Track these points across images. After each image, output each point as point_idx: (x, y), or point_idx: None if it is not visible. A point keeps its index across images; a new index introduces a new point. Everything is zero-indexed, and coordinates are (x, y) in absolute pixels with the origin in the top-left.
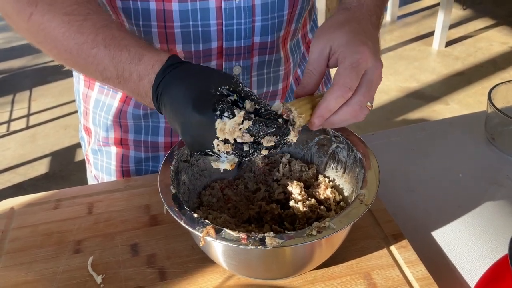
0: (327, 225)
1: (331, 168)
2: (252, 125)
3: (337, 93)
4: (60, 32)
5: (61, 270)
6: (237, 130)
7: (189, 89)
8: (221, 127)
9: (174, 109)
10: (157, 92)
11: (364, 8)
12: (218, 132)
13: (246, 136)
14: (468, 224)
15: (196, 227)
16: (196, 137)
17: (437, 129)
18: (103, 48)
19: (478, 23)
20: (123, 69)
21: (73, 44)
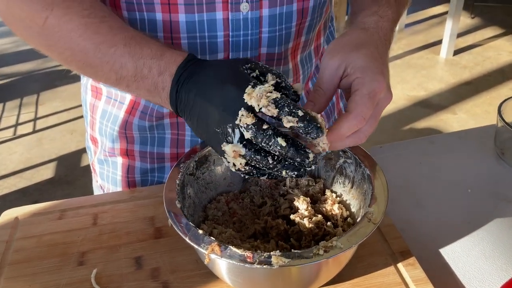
0: (334, 245)
1: (339, 183)
2: (280, 98)
3: (352, 122)
4: (76, 34)
5: (64, 282)
6: (264, 98)
7: (221, 71)
8: (250, 91)
9: (203, 91)
10: (178, 83)
11: (382, 32)
12: (246, 96)
13: (271, 106)
14: (477, 241)
15: (201, 244)
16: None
17: (446, 143)
18: (123, 46)
19: (487, 32)
20: (143, 65)
21: (90, 45)
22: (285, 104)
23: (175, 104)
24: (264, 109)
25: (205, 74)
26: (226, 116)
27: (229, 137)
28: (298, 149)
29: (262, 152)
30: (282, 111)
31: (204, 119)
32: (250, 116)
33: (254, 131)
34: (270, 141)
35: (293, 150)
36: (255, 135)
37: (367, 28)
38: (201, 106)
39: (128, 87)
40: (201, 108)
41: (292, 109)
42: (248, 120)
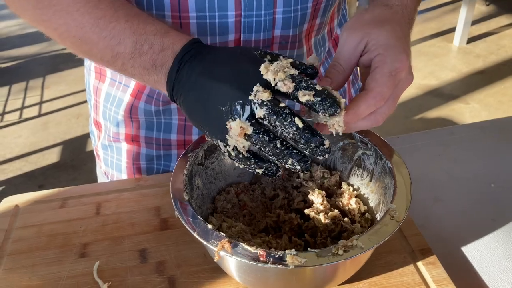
0: (355, 244)
1: (356, 175)
2: (296, 75)
3: (371, 101)
4: (74, 8)
5: (65, 275)
6: (282, 72)
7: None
8: (267, 65)
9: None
10: (182, 61)
11: (406, 11)
12: (263, 69)
13: (288, 80)
14: (502, 240)
15: (210, 240)
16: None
17: (467, 134)
18: (124, 22)
19: (502, 20)
20: (145, 40)
21: (87, 19)
22: (302, 80)
23: (172, 84)
24: (280, 83)
25: (214, 54)
26: (238, 92)
27: (235, 115)
28: (314, 133)
29: (271, 134)
30: (298, 86)
31: (205, 100)
32: (266, 92)
33: (270, 107)
34: (286, 120)
35: (308, 133)
36: (270, 111)
37: (391, 5)
38: (203, 85)
39: (122, 65)
40: (203, 88)
41: (310, 84)
42: (265, 96)
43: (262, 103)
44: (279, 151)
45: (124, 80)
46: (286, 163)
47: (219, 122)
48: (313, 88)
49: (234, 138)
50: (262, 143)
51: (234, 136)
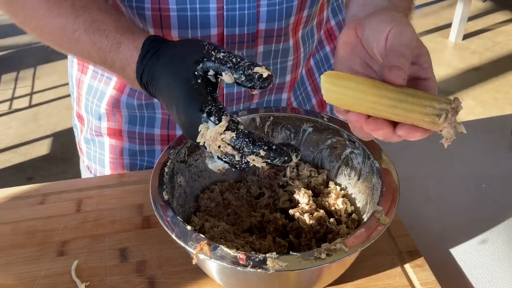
0: (338, 247)
1: (344, 174)
2: (236, 138)
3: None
4: (40, 13)
5: (42, 274)
6: (220, 139)
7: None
8: (203, 131)
9: (165, 102)
10: (143, 82)
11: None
12: (200, 137)
13: (229, 148)
14: (491, 242)
15: (188, 242)
16: (188, 133)
17: (458, 133)
18: (84, 32)
19: (498, 16)
20: (105, 58)
21: (55, 26)
22: (243, 145)
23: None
24: (223, 149)
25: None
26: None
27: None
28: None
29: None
30: (242, 151)
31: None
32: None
33: (230, 159)
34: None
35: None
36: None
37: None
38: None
39: (104, 70)
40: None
41: (253, 149)
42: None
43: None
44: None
45: (107, 72)
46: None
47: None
48: (257, 153)
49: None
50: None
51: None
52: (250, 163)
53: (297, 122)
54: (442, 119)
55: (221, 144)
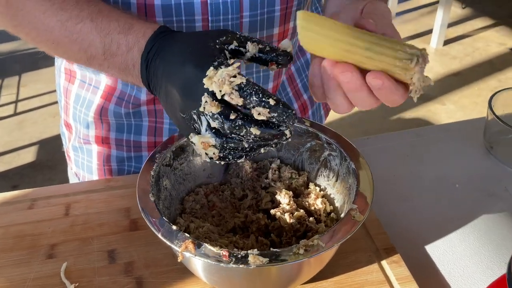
0: (315, 243)
1: (323, 176)
2: (245, 84)
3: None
4: (40, 11)
5: (32, 276)
6: (227, 84)
7: (186, 47)
8: (211, 75)
9: (168, 70)
10: (148, 58)
11: None
12: (206, 80)
13: (235, 94)
14: (463, 238)
15: (174, 240)
16: (188, 92)
17: (434, 135)
18: (89, 22)
19: (477, 23)
20: (111, 41)
21: (55, 22)
22: (252, 92)
23: (147, 82)
24: (227, 97)
25: (171, 50)
26: (189, 101)
27: (196, 125)
28: (273, 130)
29: (235, 138)
30: (249, 100)
31: (171, 102)
32: (214, 105)
33: (221, 121)
34: (241, 132)
35: (268, 134)
36: (222, 126)
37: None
38: (167, 87)
39: (100, 66)
40: (167, 89)
41: (262, 98)
42: (213, 109)
43: (213, 115)
44: (249, 148)
45: (94, 81)
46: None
47: (185, 130)
48: (266, 102)
49: (201, 150)
50: (230, 149)
51: (201, 150)
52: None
53: None
54: (414, 63)
55: (228, 89)
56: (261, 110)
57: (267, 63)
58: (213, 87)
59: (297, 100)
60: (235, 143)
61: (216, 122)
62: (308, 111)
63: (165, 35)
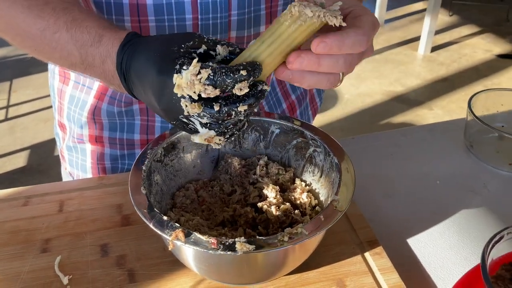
0: (299, 231)
1: (308, 172)
2: (213, 73)
3: (360, 37)
4: (20, 19)
5: (26, 270)
6: (197, 83)
7: (152, 54)
8: (179, 82)
9: (141, 81)
10: (122, 71)
11: None
12: (176, 88)
13: (209, 88)
14: (443, 231)
15: (165, 230)
16: (167, 103)
17: (417, 135)
18: (65, 32)
19: (464, 30)
20: (86, 53)
21: (35, 30)
22: (223, 76)
23: (131, 92)
24: (204, 95)
25: (139, 60)
26: (170, 111)
27: (190, 126)
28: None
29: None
30: (225, 85)
31: (158, 112)
32: (195, 106)
33: (209, 116)
34: (231, 115)
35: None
36: (212, 120)
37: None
38: (148, 98)
39: (84, 73)
40: (149, 100)
41: (234, 75)
42: (196, 110)
43: (199, 115)
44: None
45: (88, 82)
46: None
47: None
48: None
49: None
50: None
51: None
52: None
53: (265, 125)
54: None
55: (200, 88)
56: (240, 85)
57: None
58: (185, 92)
59: (286, 100)
60: (234, 121)
61: (205, 119)
62: (296, 111)
63: (131, 44)
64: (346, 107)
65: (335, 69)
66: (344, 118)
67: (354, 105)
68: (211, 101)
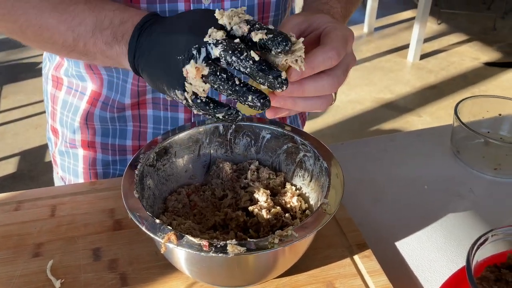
0: (289, 233)
1: (298, 176)
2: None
3: (328, 53)
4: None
5: (18, 274)
6: (236, 17)
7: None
8: (222, 11)
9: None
10: (142, 28)
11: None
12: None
13: (243, 23)
14: (430, 235)
15: (157, 233)
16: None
17: (405, 141)
18: (83, 4)
19: (452, 38)
20: (105, 16)
21: (46, 5)
22: (256, 23)
23: (134, 51)
24: (235, 27)
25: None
26: (193, 36)
27: (192, 60)
28: (271, 66)
29: (228, 72)
30: (253, 28)
31: (163, 55)
32: (220, 31)
33: (225, 44)
34: (242, 54)
35: (265, 66)
36: (226, 48)
37: (323, 10)
38: (162, 41)
39: (84, 46)
40: (162, 43)
41: (263, 26)
42: (219, 35)
43: (217, 42)
44: (238, 88)
45: (81, 88)
46: (246, 100)
47: (177, 71)
48: (266, 28)
49: (192, 83)
50: (220, 81)
51: (192, 80)
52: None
53: (257, 130)
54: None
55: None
56: (259, 31)
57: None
58: (224, 19)
59: None
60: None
61: (220, 46)
62: (286, 120)
63: (160, 16)
64: (337, 114)
65: (321, 91)
66: (334, 125)
67: (344, 112)
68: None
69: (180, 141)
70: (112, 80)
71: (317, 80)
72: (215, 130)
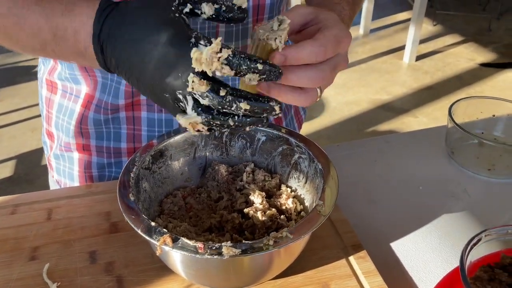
0: (284, 235)
1: (294, 178)
2: (232, 55)
3: (315, 48)
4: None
5: (14, 277)
6: (216, 61)
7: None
8: (197, 56)
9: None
10: (101, 41)
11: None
12: (194, 62)
13: (226, 68)
14: (425, 236)
15: (153, 235)
16: (167, 76)
17: (400, 142)
18: (34, 5)
19: (447, 39)
20: (57, 24)
21: (5, 10)
22: (240, 62)
23: (105, 66)
24: (218, 73)
25: (127, 29)
26: (172, 83)
27: (180, 103)
28: (264, 105)
29: (222, 114)
30: (239, 69)
31: (146, 83)
32: (203, 84)
33: (212, 98)
34: (232, 107)
35: (258, 108)
36: (213, 103)
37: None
38: (138, 68)
39: (54, 52)
40: (140, 70)
41: (250, 65)
42: (202, 88)
43: (203, 94)
44: (237, 123)
45: (75, 91)
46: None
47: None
48: (255, 68)
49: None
50: (217, 125)
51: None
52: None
53: (252, 132)
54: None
55: (218, 66)
56: (251, 76)
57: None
58: (203, 67)
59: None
60: (221, 121)
61: (206, 100)
62: (282, 123)
63: (111, 11)
64: (333, 115)
65: (304, 82)
66: (331, 126)
67: (341, 113)
68: (219, 85)
69: (175, 143)
70: (106, 82)
71: (301, 69)
72: (211, 132)
